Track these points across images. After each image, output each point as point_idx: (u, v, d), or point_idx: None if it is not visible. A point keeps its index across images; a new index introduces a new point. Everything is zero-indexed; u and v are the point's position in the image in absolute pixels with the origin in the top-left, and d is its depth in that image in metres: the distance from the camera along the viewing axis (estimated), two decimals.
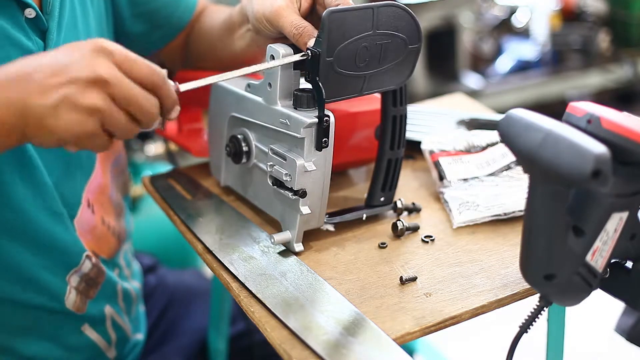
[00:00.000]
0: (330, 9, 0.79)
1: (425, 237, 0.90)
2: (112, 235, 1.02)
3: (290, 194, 0.85)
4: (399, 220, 0.91)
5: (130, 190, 1.15)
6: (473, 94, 2.88)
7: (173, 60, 1.14)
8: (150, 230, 1.87)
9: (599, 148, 0.65)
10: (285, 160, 0.85)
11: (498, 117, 1.15)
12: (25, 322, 0.92)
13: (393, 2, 0.84)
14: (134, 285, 1.10)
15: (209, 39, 1.07)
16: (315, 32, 0.82)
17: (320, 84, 0.81)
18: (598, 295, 0.80)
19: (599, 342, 2.05)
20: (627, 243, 0.76)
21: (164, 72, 0.73)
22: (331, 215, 0.91)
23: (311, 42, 0.82)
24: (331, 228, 0.92)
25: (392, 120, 0.90)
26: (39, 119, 0.68)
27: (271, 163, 0.87)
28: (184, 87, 0.77)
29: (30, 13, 0.84)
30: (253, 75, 0.95)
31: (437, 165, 1.00)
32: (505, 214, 0.93)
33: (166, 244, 1.87)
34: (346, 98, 0.85)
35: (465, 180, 0.98)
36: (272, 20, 0.85)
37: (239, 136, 0.92)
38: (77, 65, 0.69)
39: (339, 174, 1.04)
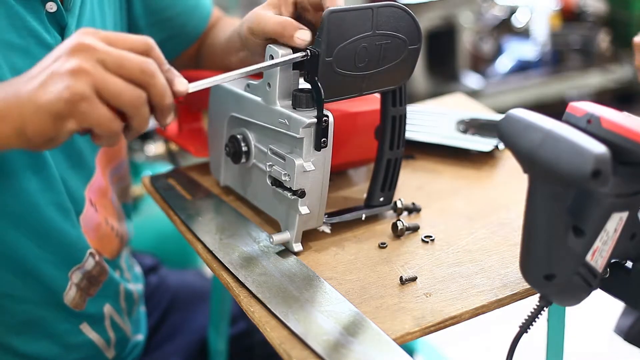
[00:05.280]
0: (330, 8, 0.79)
1: (425, 237, 0.90)
2: (115, 236, 1.02)
3: (289, 194, 0.85)
4: (399, 220, 0.91)
5: (131, 198, 1.15)
6: (473, 94, 2.89)
7: (184, 69, 1.15)
8: (150, 230, 1.87)
9: (599, 148, 0.65)
10: (284, 160, 0.85)
11: (498, 117, 1.15)
12: (24, 318, 0.92)
13: (393, 2, 0.84)
14: (137, 287, 1.10)
15: (217, 54, 1.08)
16: (299, 25, 0.82)
17: (319, 84, 0.81)
18: (598, 295, 0.80)
19: (599, 342, 2.05)
20: (627, 243, 0.76)
21: (151, 40, 0.70)
22: (330, 215, 0.91)
23: (300, 34, 0.81)
24: (327, 230, 0.91)
25: (391, 120, 0.90)
26: (32, 101, 0.66)
27: (270, 163, 0.87)
28: (192, 87, 0.75)
29: (51, 7, 0.85)
30: (254, 75, 0.95)
31: None
32: None
33: (166, 244, 1.87)
34: (346, 98, 0.85)
35: None
36: (255, 27, 0.85)
37: (238, 136, 0.92)
38: (60, 47, 0.68)
39: (338, 174, 1.04)
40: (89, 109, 0.66)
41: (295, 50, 0.83)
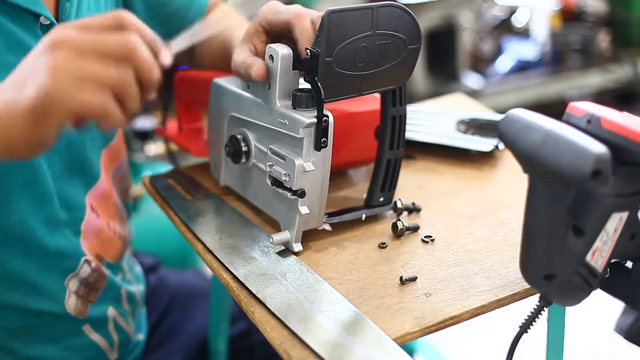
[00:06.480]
0: (330, 9, 0.80)
1: (425, 237, 0.90)
2: (118, 239, 1.02)
3: (289, 194, 0.85)
4: (399, 220, 0.91)
5: (131, 197, 1.15)
6: (473, 94, 2.88)
7: (180, 58, 1.15)
8: (151, 230, 1.87)
9: (599, 148, 0.65)
10: (284, 160, 0.85)
11: (498, 117, 1.15)
12: (26, 324, 0.92)
13: (392, 2, 0.84)
14: (139, 288, 1.10)
15: (211, 47, 1.08)
16: (262, 64, 0.84)
17: (319, 84, 0.81)
18: (598, 295, 0.80)
19: (599, 342, 2.05)
20: (627, 243, 0.76)
21: (123, 14, 0.67)
22: (330, 215, 0.91)
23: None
24: (328, 227, 0.91)
25: (391, 120, 0.90)
26: (11, 105, 0.64)
27: (270, 163, 0.87)
28: (172, 48, 0.73)
29: (45, 20, 0.84)
30: None
31: None
32: None
33: (166, 244, 1.88)
34: (345, 98, 0.85)
35: None
36: (271, 17, 0.86)
37: (238, 136, 0.92)
38: (36, 47, 0.66)
39: (338, 174, 1.04)
40: (70, 100, 0.63)
41: (295, 49, 0.83)
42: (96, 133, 0.95)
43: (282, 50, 0.83)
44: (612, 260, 0.78)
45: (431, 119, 1.17)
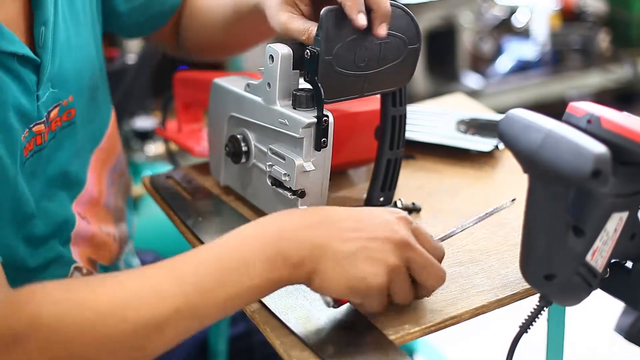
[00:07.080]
0: (328, 7, 0.80)
1: None
2: (113, 241, 1.01)
3: (289, 194, 0.85)
4: None
5: (131, 191, 1.14)
6: (473, 94, 2.88)
7: (165, 41, 1.15)
8: (151, 230, 1.87)
9: (599, 148, 0.65)
10: (284, 160, 0.85)
11: (498, 117, 1.15)
12: None
13: (392, 2, 0.84)
14: None
15: (203, 20, 1.07)
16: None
17: (319, 84, 0.81)
18: (598, 295, 0.80)
19: (599, 342, 2.05)
20: (627, 243, 0.76)
21: (444, 249, 0.78)
22: None
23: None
24: None
25: (391, 120, 0.90)
26: (336, 261, 0.71)
27: (270, 163, 0.87)
28: None
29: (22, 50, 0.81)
30: (253, 75, 0.95)
31: None
32: None
33: (166, 244, 1.87)
34: (347, 99, 0.85)
35: None
36: (284, 35, 0.86)
37: (238, 136, 0.92)
38: (380, 227, 0.73)
39: (339, 174, 1.04)
40: (371, 298, 0.73)
41: (298, 49, 0.83)
42: (80, 142, 0.94)
43: (282, 50, 0.83)
44: (612, 260, 0.77)
45: (431, 119, 1.17)
